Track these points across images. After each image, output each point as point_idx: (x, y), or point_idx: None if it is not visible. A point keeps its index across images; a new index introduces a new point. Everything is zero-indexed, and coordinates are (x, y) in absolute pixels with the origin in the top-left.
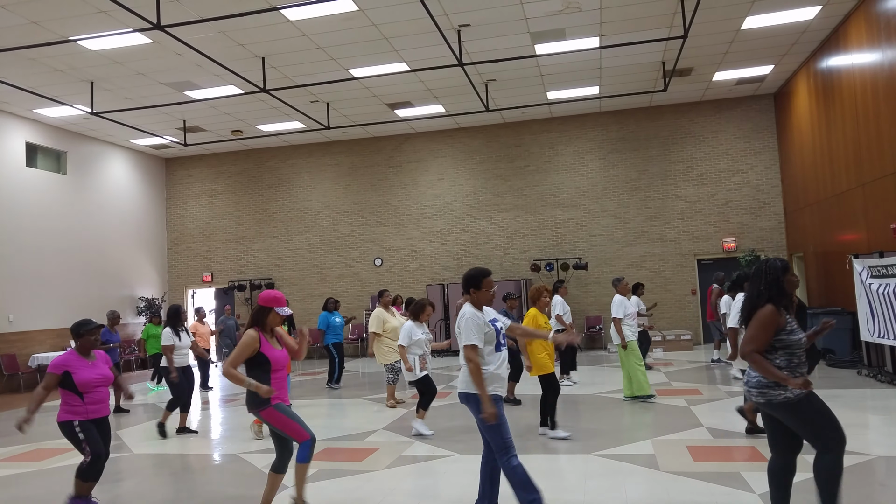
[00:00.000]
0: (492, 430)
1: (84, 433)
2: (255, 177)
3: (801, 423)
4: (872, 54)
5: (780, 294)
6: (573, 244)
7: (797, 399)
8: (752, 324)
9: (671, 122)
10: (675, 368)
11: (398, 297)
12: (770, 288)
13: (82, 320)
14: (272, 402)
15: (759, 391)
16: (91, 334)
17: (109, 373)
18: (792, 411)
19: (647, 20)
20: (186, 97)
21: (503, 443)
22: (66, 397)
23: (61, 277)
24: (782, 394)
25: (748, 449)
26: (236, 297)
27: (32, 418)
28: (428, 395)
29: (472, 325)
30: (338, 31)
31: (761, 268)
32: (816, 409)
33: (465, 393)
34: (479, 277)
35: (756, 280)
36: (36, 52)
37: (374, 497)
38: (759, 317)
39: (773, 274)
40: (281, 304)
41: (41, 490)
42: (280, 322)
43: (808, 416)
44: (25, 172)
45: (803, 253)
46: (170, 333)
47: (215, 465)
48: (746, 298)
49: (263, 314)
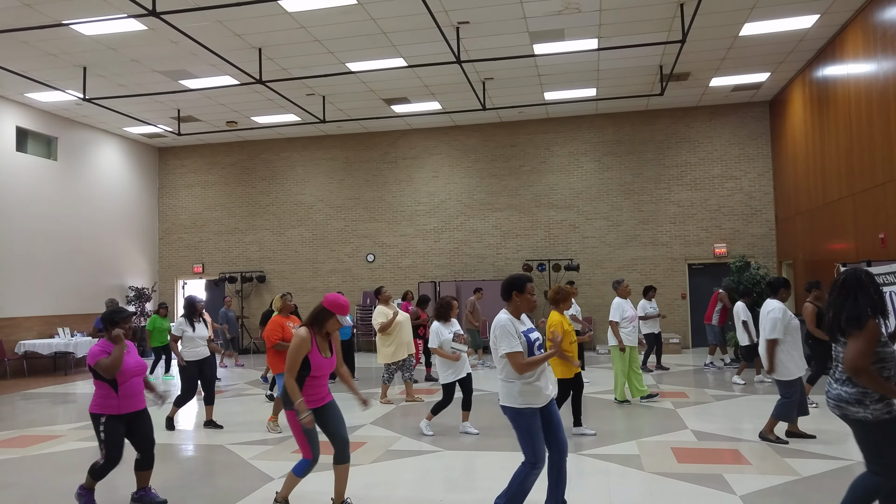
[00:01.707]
0: (522, 440)
1: (106, 433)
2: (249, 169)
3: (869, 444)
4: (868, 65)
5: (884, 304)
6: (566, 245)
7: (875, 420)
8: (861, 336)
9: (666, 127)
10: (663, 372)
11: (408, 292)
12: (881, 298)
13: (116, 308)
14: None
15: (836, 404)
16: (125, 322)
17: (143, 361)
18: (865, 430)
19: (646, 23)
20: (181, 86)
21: (531, 455)
22: (99, 388)
23: (50, 264)
24: (861, 412)
25: (732, 452)
26: (227, 288)
27: None
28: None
29: (509, 331)
30: (336, 24)
31: (860, 277)
32: (890, 439)
33: (502, 406)
34: (524, 281)
35: (858, 289)
36: (28, 36)
37: (359, 490)
38: (870, 329)
39: (877, 284)
40: (344, 311)
41: (25, 477)
42: (337, 329)
43: (881, 441)
44: (15, 157)
45: (793, 260)
46: (183, 324)
47: (205, 456)
48: (848, 307)
49: (325, 317)
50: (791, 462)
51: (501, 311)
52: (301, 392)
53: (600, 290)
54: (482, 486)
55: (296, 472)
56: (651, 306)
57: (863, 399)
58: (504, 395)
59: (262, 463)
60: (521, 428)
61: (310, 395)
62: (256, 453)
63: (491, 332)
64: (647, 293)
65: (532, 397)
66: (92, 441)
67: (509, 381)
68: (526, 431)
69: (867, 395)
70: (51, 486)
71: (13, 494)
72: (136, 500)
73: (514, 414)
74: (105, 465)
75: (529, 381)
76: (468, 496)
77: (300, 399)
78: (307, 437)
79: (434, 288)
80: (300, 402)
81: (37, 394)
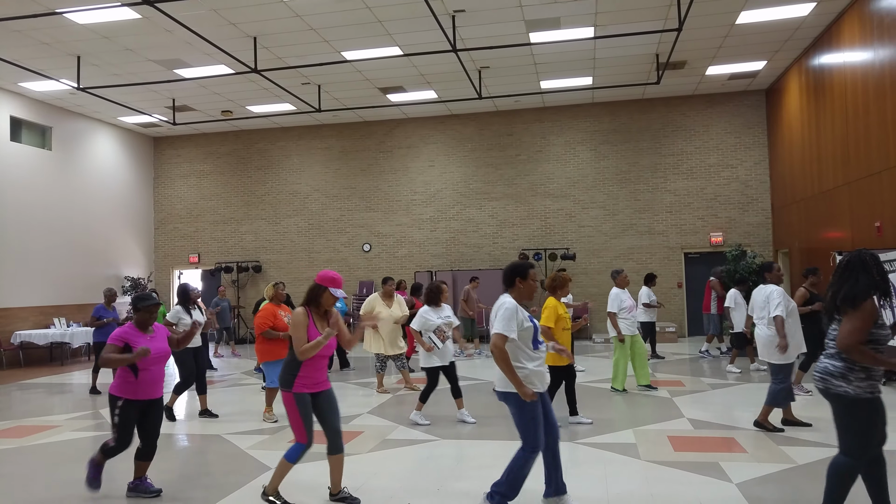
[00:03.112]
0: (525, 426)
1: (120, 417)
2: (244, 158)
3: (845, 421)
4: (864, 53)
5: (887, 287)
6: (562, 234)
7: (855, 396)
8: (856, 315)
9: (663, 115)
10: (658, 361)
11: (402, 281)
12: (884, 281)
13: (143, 294)
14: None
15: (821, 377)
16: (148, 311)
17: (168, 347)
18: (843, 406)
19: (642, 12)
20: (176, 75)
21: (533, 441)
22: (120, 371)
23: (45, 255)
24: (843, 386)
25: (728, 440)
26: (223, 278)
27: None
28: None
29: (512, 315)
30: (331, 12)
31: (864, 258)
32: (867, 419)
33: (502, 392)
34: (527, 268)
35: (860, 271)
36: (21, 24)
37: (356, 479)
38: (866, 308)
39: (882, 267)
40: (337, 285)
41: (21, 468)
42: (332, 304)
43: (854, 419)
44: (10, 147)
45: (789, 249)
46: (180, 311)
47: (200, 445)
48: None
49: (318, 293)
50: (787, 450)
51: (506, 295)
52: (300, 372)
53: (596, 279)
54: (478, 474)
55: (289, 457)
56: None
57: (847, 374)
58: (504, 382)
59: (259, 452)
60: (525, 414)
61: (307, 377)
62: (253, 443)
63: (493, 311)
64: (651, 281)
65: (536, 381)
66: (88, 431)
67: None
68: (530, 417)
69: (853, 371)
70: (47, 475)
71: (10, 484)
72: (132, 490)
73: (517, 400)
74: (115, 448)
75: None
76: (464, 484)
77: (320, 338)
78: (302, 418)
79: (430, 277)
80: (325, 334)
81: (33, 384)
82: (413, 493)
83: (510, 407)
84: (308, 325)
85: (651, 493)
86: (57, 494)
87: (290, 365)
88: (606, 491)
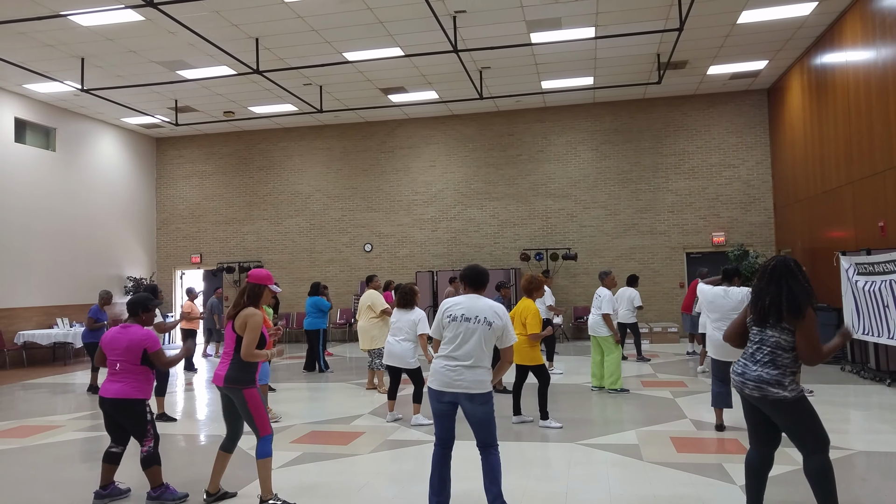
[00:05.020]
0: (493, 425)
1: (151, 415)
2: (246, 159)
3: (792, 423)
4: (866, 52)
5: (812, 292)
6: (563, 234)
7: (793, 398)
8: (806, 325)
9: (664, 115)
10: (661, 361)
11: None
12: (809, 286)
13: (147, 295)
14: (256, 385)
15: (756, 385)
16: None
17: None
18: (786, 410)
19: (643, 11)
20: (178, 76)
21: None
22: (144, 374)
23: (49, 255)
24: (780, 392)
25: (731, 441)
26: (225, 278)
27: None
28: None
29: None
30: (333, 13)
31: (789, 265)
32: (809, 411)
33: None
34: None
35: (790, 278)
36: (26, 27)
37: (357, 480)
38: (811, 316)
39: (803, 273)
40: (270, 281)
41: (24, 468)
42: (270, 300)
43: (800, 417)
44: (14, 148)
45: (791, 249)
46: None
47: (198, 446)
48: (786, 296)
49: (258, 292)
50: (790, 451)
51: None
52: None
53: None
54: (479, 475)
55: (263, 454)
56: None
57: (782, 380)
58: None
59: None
60: (492, 412)
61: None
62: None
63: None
64: (635, 282)
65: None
66: (92, 431)
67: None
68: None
69: (786, 377)
70: (50, 476)
71: (13, 484)
72: (156, 499)
73: (489, 398)
74: (155, 446)
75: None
76: (466, 485)
77: (266, 352)
78: (266, 412)
79: (431, 277)
80: (266, 353)
81: (36, 384)
82: (414, 493)
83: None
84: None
85: (654, 494)
86: (60, 494)
87: (249, 366)
88: (609, 493)
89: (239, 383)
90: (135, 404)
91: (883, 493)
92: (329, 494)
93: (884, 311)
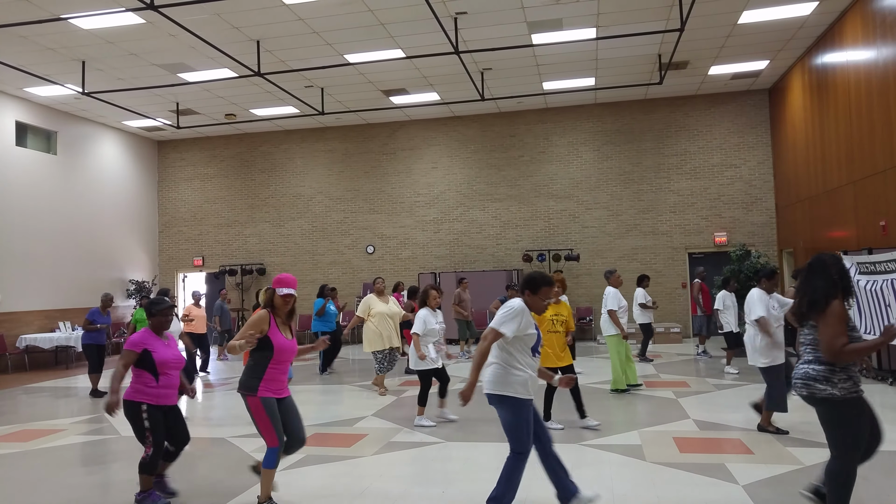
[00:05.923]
0: (517, 429)
1: (150, 421)
2: (248, 161)
3: (835, 423)
4: (867, 52)
5: (850, 287)
6: (565, 235)
7: (842, 398)
8: (827, 320)
9: (666, 116)
10: (664, 361)
11: (399, 283)
12: (844, 280)
13: (156, 298)
14: (264, 395)
15: (804, 383)
16: (163, 314)
17: (181, 355)
18: (831, 409)
19: (644, 12)
20: (180, 79)
21: (523, 444)
22: (140, 377)
23: (50, 258)
24: (828, 389)
25: (734, 441)
26: (227, 281)
27: (119, 397)
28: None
29: (515, 316)
30: (334, 15)
31: (824, 259)
32: (856, 415)
33: (491, 394)
34: (538, 282)
35: (818, 273)
36: (27, 30)
37: (360, 482)
38: (834, 311)
39: (842, 266)
40: (281, 284)
41: (27, 472)
42: (284, 305)
43: (844, 418)
44: (15, 152)
45: (793, 249)
46: None
47: (206, 449)
48: (810, 291)
49: (271, 295)
50: (793, 451)
51: (517, 299)
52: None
53: (600, 279)
54: (482, 477)
55: (268, 465)
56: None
57: (830, 377)
58: (499, 385)
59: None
60: (521, 418)
61: (271, 382)
62: (257, 446)
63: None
64: (643, 282)
65: (530, 387)
66: (94, 435)
67: (508, 368)
68: (524, 421)
69: (835, 373)
70: (53, 480)
71: (15, 488)
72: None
73: (513, 404)
74: (154, 453)
75: (528, 375)
76: (469, 487)
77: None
78: (271, 421)
79: (434, 279)
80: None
81: (38, 388)
82: (418, 496)
83: (501, 410)
84: (267, 328)
85: (657, 494)
86: (62, 498)
87: (254, 369)
88: (612, 493)
89: (245, 389)
90: (129, 405)
91: (886, 491)
92: (332, 497)
93: (885, 310)
